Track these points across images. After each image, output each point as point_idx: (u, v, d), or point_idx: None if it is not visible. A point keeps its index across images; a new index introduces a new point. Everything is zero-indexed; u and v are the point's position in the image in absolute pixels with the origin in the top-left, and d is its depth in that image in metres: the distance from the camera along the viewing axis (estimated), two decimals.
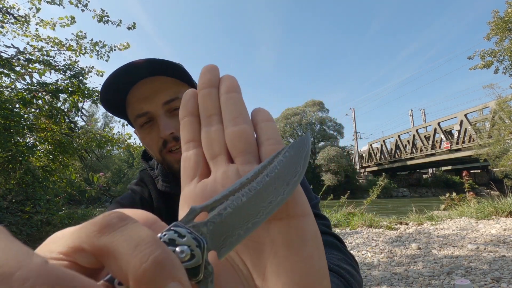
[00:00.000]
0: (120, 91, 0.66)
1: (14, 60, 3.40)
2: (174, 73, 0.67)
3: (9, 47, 3.39)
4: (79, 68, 3.86)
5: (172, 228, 0.16)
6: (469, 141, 22.78)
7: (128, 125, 0.74)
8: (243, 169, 0.22)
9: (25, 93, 3.41)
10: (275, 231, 0.21)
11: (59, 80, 3.73)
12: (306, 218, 0.22)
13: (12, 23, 3.77)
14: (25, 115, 3.53)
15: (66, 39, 4.04)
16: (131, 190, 0.76)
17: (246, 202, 0.19)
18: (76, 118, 4.22)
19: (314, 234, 0.22)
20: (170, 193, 0.72)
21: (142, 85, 0.66)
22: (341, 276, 0.52)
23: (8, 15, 3.67)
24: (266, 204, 0.19)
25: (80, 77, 3.74)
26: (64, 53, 4.01)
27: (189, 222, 0.17)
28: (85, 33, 4.09)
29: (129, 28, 4.31)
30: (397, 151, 32.31)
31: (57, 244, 0.14)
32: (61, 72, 3.74)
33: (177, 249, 0.15)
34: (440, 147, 26.66)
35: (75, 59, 4.05)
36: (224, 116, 0.24)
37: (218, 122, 0.24)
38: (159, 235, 0.16)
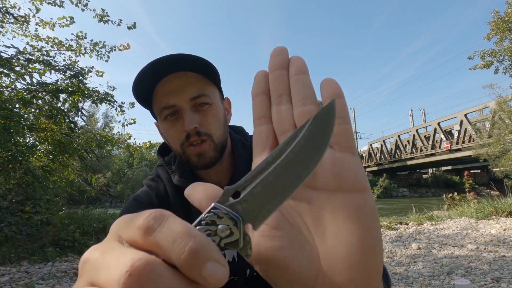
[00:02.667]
0: (150, 83, 0.68)
1: (14, 60, 3.40)
2: (203, 70, 0.68)
3: (9, 47, 3.39)
4: (79, 68, 3.86)
5: (212, 211, 0.19)
6: (469, 141, 22.72)
7: (128, 125, 0.75)
8: None
9: (25, 93, 3.41)
10: (336, 202, 0.23)
11: (59, 80, 3.73)
12: (366, 194, 0.23)
13: (12, 23, 3.77)
14: (25, 115, 3.53)
15: (66, 39, 4.04)
16: (147, 185, 0.76)
17: (273, 180, 0.21)
18: (76, 118, 4.22)
19: (372, 209, 0.23)
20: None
21: (171, 79, 0.67)
22: None
23: (8, 15, 3.67)
24: (292, 179, 0.21)
25: (80, 77, 3.74)
26: (64, 53, 4.01)
27: (226, 201, 0.20)
28: (85, 34, 4.09)
29: (129, 28, 4.31)
30: (397, 151, 32.26)
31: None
32: (61, 72, 3.74)
33: (219, 227, 0.19)
34: (440, 147, 26.60)
35: (75, 59, 4.05)
36: (293, 96, 0.26)
37: (288, 101, 0.26)
38: (201, 215, 0.19)
